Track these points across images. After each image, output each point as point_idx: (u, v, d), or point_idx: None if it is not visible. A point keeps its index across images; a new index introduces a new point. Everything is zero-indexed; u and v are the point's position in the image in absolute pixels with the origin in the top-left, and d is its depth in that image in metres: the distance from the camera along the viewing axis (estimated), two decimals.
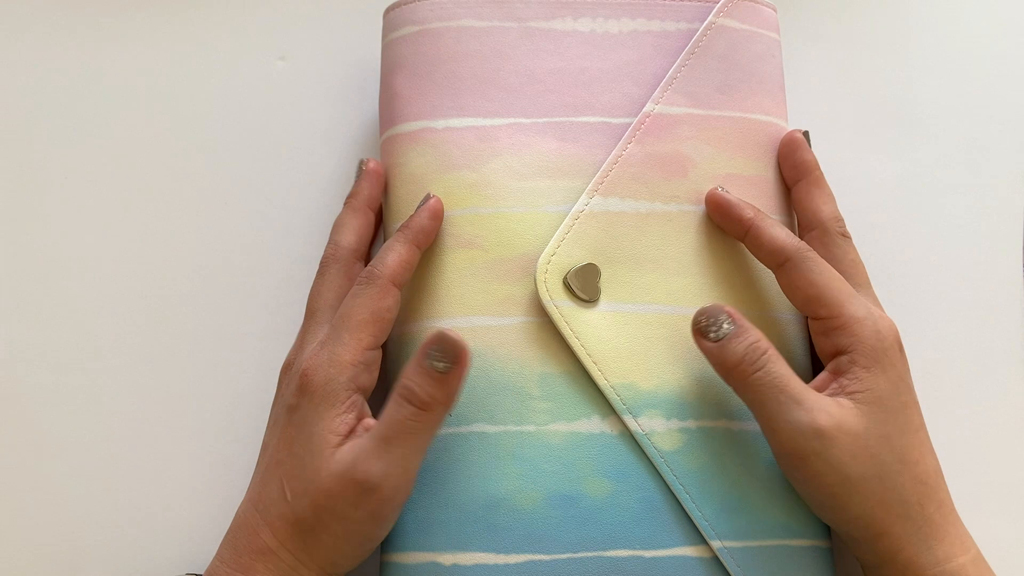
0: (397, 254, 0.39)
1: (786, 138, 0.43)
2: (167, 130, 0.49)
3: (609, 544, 0.37)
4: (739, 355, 0.36)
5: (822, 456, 0.35)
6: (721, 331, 0.37)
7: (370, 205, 0.42)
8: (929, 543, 0.36)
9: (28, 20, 0.51)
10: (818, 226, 0.41)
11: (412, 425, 0.35)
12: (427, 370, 0.35)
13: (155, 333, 0.46)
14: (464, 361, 0.35)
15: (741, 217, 0.40)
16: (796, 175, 0.42)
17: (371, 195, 0.42)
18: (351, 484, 0.35)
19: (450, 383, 0.35)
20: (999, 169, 0.49)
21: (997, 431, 0.46)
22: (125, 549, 0.43)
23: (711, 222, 0.41)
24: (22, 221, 0.48)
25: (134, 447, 0.45)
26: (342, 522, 0.35)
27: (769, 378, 0.36)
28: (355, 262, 0.41)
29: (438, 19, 0.43)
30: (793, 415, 0.35)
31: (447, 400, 0.36)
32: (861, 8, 0.52)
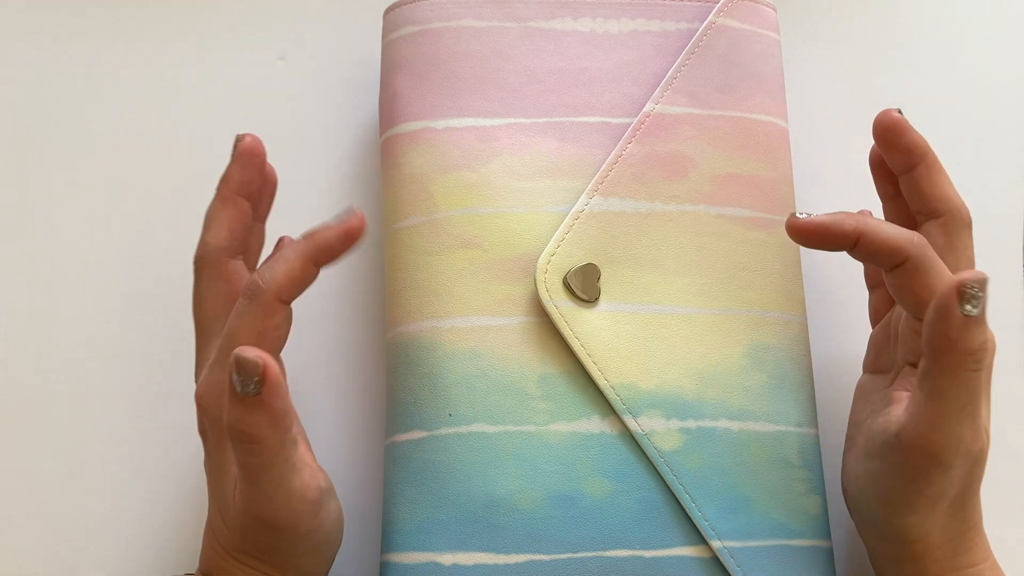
0: (288, 269, 0.34)
1: (885, 122, 0.38)
2: (167, 130, 0.49)
3: (609, 544, 0.37)
4: (975, 345, 0.32)
5: (949, 472, 0.33)
6: (976, 310, 0.31)
7: (240, 191, 0.37)
8: (956, 552, 0.36)
9: (28, 20, 0.51)
10: (946, 213, 0.37)
11: (257, 462, 0.32)
12: (240, 398, 0.31)
13: (155, 333, 0.46)
14: (271, 375, 0.31)
15: (845, 232, 0.35)
16: (911, 160, 0.38)
17: (242, 180, 0.37)
18: (254, 525, 0.34)
19: (265, 402, 0.31)
20: (999, 169, 0.49)
21: (997, 431, 0.46)
22: (125, 549, 0.43)
23: (711, 222, 0.41)
24: (22, 221, 0.48)
25: (134, 447, 0.45)
26: (276, 551, 0.35)
27: (976, 383, 0.32)
28: (227, 260, 0.37)
29: (438, 19, 0.43)
30: (963, 429, 0.33)
31: (272, 421, 0.32)
32: (860, 8, 0.52)
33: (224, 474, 0.35)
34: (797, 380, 0.41)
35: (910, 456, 0.33)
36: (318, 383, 0.45)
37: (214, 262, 0.37)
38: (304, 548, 0.35)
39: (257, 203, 0.39)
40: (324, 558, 0.37)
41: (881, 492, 0.35)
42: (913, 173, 0.38)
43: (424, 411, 0.39)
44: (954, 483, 0.34)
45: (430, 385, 0.39)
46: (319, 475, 0.35)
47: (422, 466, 0.39)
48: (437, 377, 0.39)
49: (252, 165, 0.38)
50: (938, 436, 0.33)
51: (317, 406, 0.45)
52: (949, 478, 0.33)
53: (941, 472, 0.33)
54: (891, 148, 0.38)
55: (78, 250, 0.47)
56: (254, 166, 0.38)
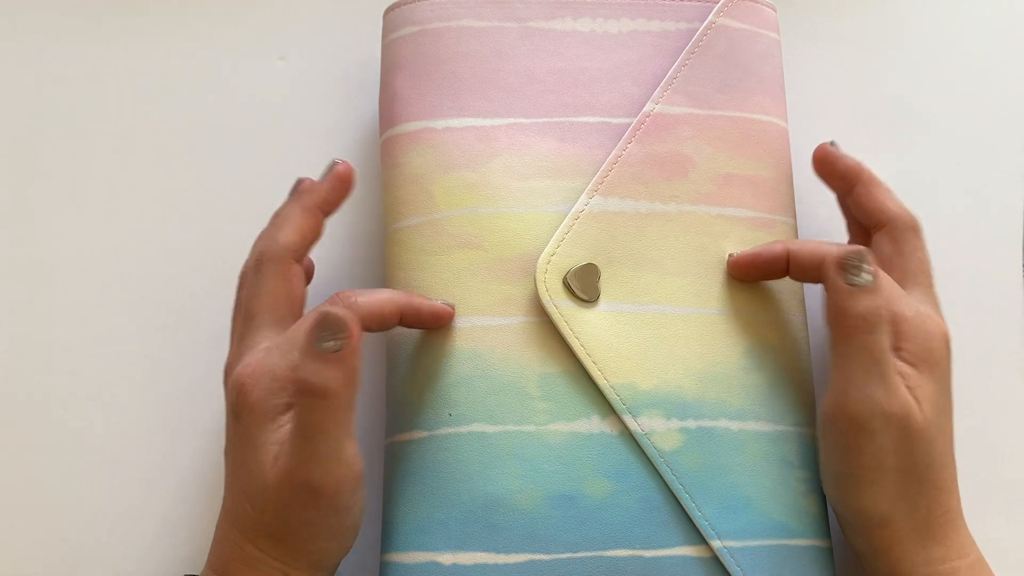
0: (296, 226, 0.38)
1: (818, 154, 0.42)
2: (167, 130, 0.49)
3: (609, 544, 0.37)
4: (862, 311, 0.35)
5: (875, 437, 0.35)
6: (860, 279, 0.36)
7: (323, 209, 0.40)
8: (925, 543, 0.36)
9: (28, 21, 0.51)
10: (888, 222, 0.40)
11: (320, 418, 0.34)
12: (318, 354, 0.33)
13: (155, 333, 0.46)
14: (354, 333, 0.34)
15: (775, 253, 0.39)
16: (847, 183, 0.41)
17: (329, 199, 0.40)
18: (294, 491, 0.34)
19: (345, 360, 0.34)
20: (999, 169, 0.49)
21: (997, 431, 0.46)
22: (125, 549, 0.43)
23: (711, 222, 0.41)
24: (22, 221, 0.48)
25: (134, 446, 0.45)
26: (307, 525, 0.35)
27: (875, 345, 0.35)
28: (291, 262, 0.39)
29: (438, 19, 0.43)
30: (873, 388, 0.35)
31: (347, 379, 0.34)
32: (860, 8, 0.52)
33: (259, 449, 0.35)
34: (797, 380, 0.41)
35: (836, 426, 0.36)
36: None
37: (281, 260, 0.38)
38: (335, 527, 0.36)
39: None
40: (344, 547, 0.37)
41: (829, 474, 0.37)
42: (853, 193, 0.41)
43: (424, 411, 0.39)
44: (887, 451, 0.35)
45: (430, 385, 0.39)
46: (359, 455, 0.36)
47: (422, 466, 0.39)
48: (437, 377, 0.39)
49: (343, 190, 0.40)
50: (850, 400, 0.35)
51: None
52: (877, 443, 0.35)
53: (867, 437, 0.35)
54: (829, 176, 0.42)
55: (79, 250, 0.47)
56: (344, 192, 0.40)
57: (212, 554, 0.37)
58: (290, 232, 0.38)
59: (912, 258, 0.40)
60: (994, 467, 0.45)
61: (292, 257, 0.38)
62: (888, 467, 0.36)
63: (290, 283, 0.38)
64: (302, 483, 0.34)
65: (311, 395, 0.33)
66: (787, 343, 0.41)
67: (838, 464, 0.37)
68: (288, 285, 0.38)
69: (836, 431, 0.36)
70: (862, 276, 0.36)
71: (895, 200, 0.41)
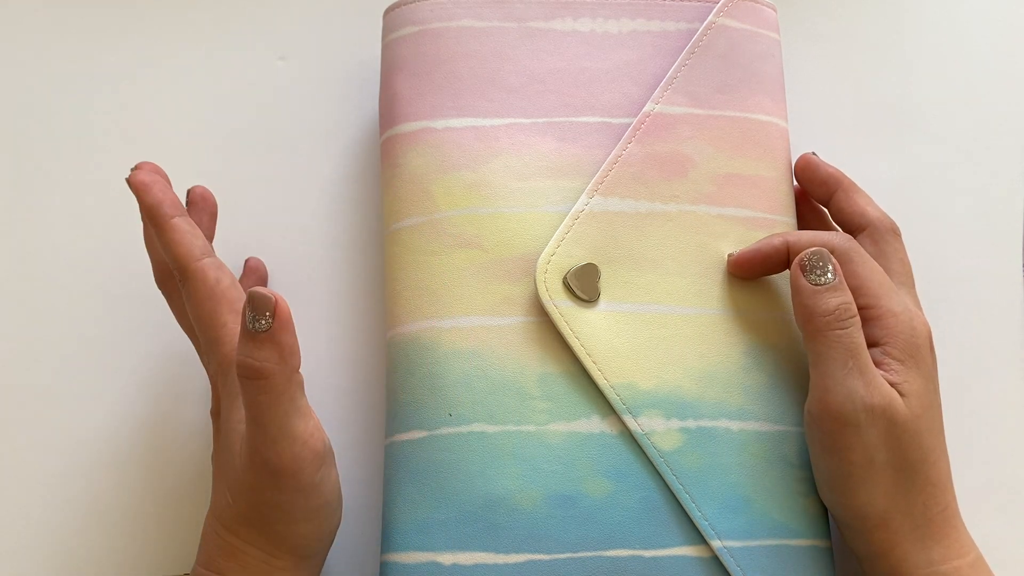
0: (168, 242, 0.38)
1: (800, 163, 0.43)
2: (167, 130, 0.49)
3: (609, 544, 0.37)
4: (832, 307, 0.36)
5: (860, 432, 0.35)
6: (824, 278, 0.37)
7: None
8: (925, 543, 0.36)
9: (28, 21, 0.51)
10: (868, 226, 0.41)
11: (264, 399, 0.34)
12: (251, 335, 0.33)
13: (155, 332, 0.46)
14: (282, 310, 0.34)
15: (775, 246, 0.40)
16: (828, 190, 0.43)
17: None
18: (257, 473, 0.35)
19: (277, 337, 0.34)
20: (999, 169, 0.49)
21: (997, 431, 0.46)
22: (125, 549, 0.43)
23: (711, 222, 0.41)
24: (22, 221, 0.48)
25: (133, 446, 0.45)
26: (276, 508, 0.35)
27: (848, 340, 0.36)
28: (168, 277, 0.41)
29: (438, 19, 0.43)
30: (852, 383, 0.36)
31: (281, 357, 0.34)
32: (860, 8, 0.52)
33: (231, 434, 0.36)
34: (797, 380, 0.41)
35: (822, 427, 0.36)
36: (318, 383, 0.45)
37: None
38: (305, 508, 0.36)
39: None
40: (322, 531, 0.37)
41: (822, 478, 0.38)
42: (834, 198, 0.43)
43: (424, 411, 0.39)
44: (875, 446, 0.36)
45: (430, 385, 0.39)
46: (322, 433, 0.36)
47: (422, 466, 0.39)
48: (437, 377, 0.39)
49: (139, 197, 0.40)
50: (832, 396, 0.36)
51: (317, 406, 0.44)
52: (864, 439, 0.36)
53: (853, 432, 0.36)
54: (811, 182, 0.43)
55: (79, 250, 0.47)
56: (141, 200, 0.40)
57: (200, 550, 0.37)
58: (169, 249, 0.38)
59: (894, 259, 0.41)
60: (994, 467, 0.45)
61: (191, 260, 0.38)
62: (879, 463, 0.36)
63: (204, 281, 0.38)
64: (261, 464, 0.34)
65: (249, 377, 0.34)
66: (787, 343, 0.41)
67: (829, 465, 0.37)
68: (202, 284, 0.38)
69: (822, 432, 0.36)
70: (826, 275, 0.37)
71: (875, 205, 0.42)
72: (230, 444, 0.36)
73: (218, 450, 0.38)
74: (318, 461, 0.35)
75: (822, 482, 0.38)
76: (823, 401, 0.36)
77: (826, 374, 0.36)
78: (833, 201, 0.43)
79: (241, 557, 0.36)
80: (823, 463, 0.37)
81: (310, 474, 0.35)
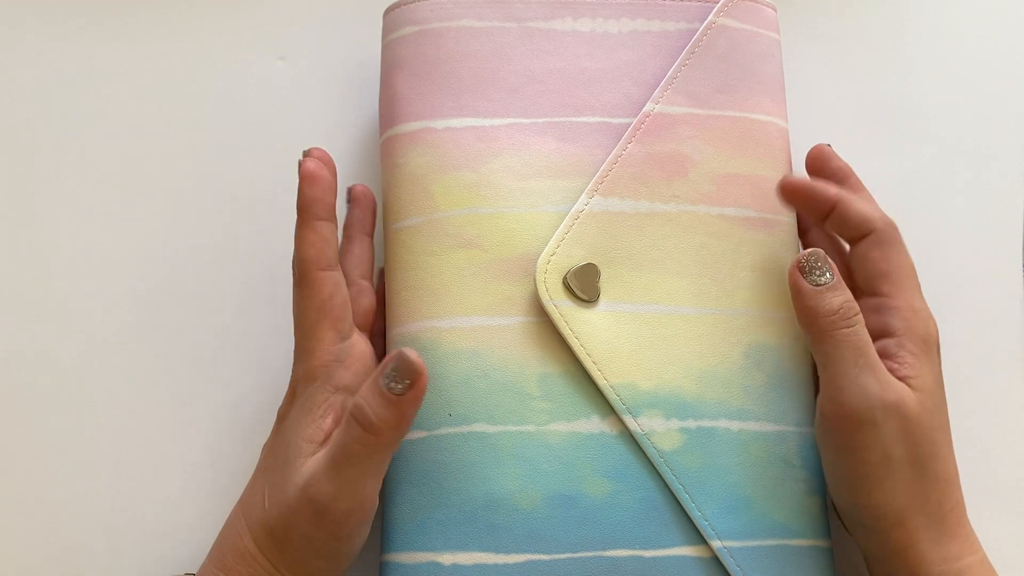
0: (303, 240, 0.38)
1: (814, 152, 0.43)
2: (167, 130, 0.49)
3: (609, 544, 0.37)
4: (836, 306, 0.36)
5: (877, 429, 0.35)
6: (824, 278, 0.37)
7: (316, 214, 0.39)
8: (941, 540, 0.36)
9: (28, 21, 0.51)
10: (874, 230, 0.40)
11: (359, 450, 0.34)
12: (381, 391, 0.34)
13: (156, 333, 0.46)
14: (421, 383, 0.34)
15: (828, 196, 0.40)
16: (837, 180, 0.42)
17: (313, 201, 0.39)
18: (306, 502, 0.35)
19: (403, 406, 0.34)
20: (999, 169, 0.49)
21: (997, 431, 0.46)
22: (125, 549, 0.43)
23: (711, 222, 0.41)
24: (22, 221, 0.48)
25: (134, 447, 0.45)
26: (305, 538, 0.35)
27: (856, 338, 0.36)
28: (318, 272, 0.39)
29: (438, 19, 0.43)
30: (865, 380, 0.35)
31: (398, 424, 0.34)
32: (861, 8, 0.52)
33: (292, 447, 0.36)
34: (797, 380, 0.41)
35: (838, 427, 0.36)
36: None
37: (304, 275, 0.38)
38: (331, 551, 0.36)
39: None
40: (332, 570, 0.37)
41: (838, 479, 0.37)
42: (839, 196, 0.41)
43: (424, 411, 0.39)
44: (891, 443, 0.35)
45: (430, 385, 0.39)
46: (377, 496, 0.37)
47: (422, 466, 0.39)
48: (437, 377, 0.39)
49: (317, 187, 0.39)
50: (846, 396, 0.36)
51: None
52: (881, 436, 0.35)
53: (870, 431, 0.35)
54: (820, 173, 0.43)
55: (79, 250, 0.47)
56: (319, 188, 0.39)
57: (215, 542, 0.38)
58: (300, 248, 0.38)
59: (904, 262, 0.40)
60: (994, 467, 0.45)
61: (315, 267, 0.38)
62: (896, 460, 0.36)
63: (318, 292, 0.38)
64: (315, 499, 0.35)
65: (359, 425, 0.34)
66: (787, 343, 0.41)
67: (845, 466, 0.36)
68: (316, 294, 0.38)
69: (838, 433, 0.36)
70: (825, 275, 0.37)
71: (879, 208, 0.41)
72: (288, 456, 0.36)
73: (271, 451, 0.38)
74: (365, 519, 0.36)
75: (837, 483, 0.37)
76: (837, 401, 0.36)
77: (838, 374, 0.36)
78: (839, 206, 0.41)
79: (251, 563, 0.36)
80: (839, 464, 0.37)
81: (353, 527, 0.36)
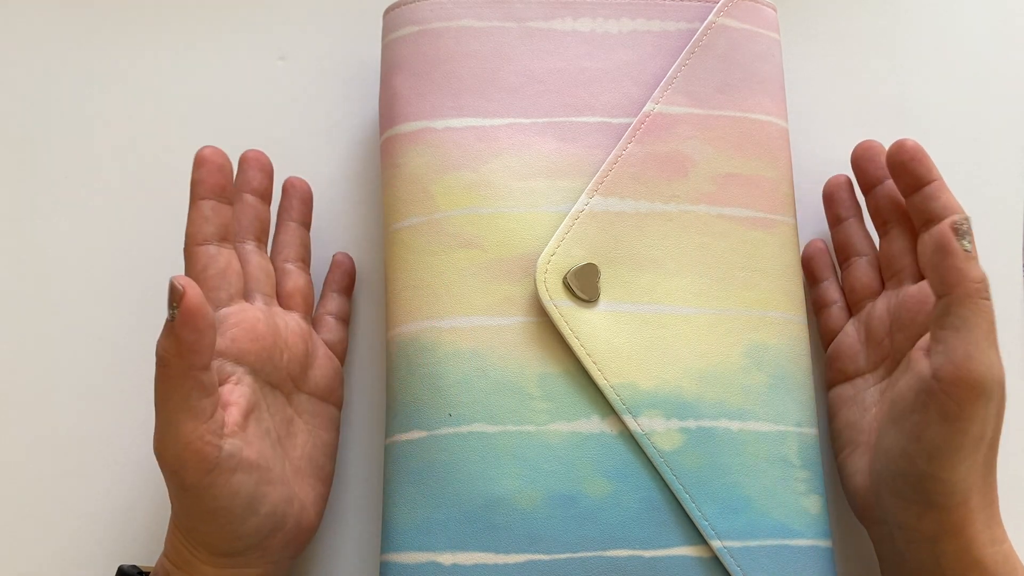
0: (187, 218, 0.39)
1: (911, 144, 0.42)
2: (167, 130, 0.49)
3: (609, 544, 0.37)
4: (981, 276, 0.35)
5: (988, 404, 0.34)
6: (970, 247, 0.35)
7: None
8: (989, 523, 0.36)
9: (29, 21, 0.51)
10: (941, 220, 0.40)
11: (159, 387, 0.34)
12: (166, 323, 0.33)
13: (156, 333, 0.46)
14: (187, 305, 0.33)
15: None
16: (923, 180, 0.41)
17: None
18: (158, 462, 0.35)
19: (177, 330, 0.33)
20: (999, 169, 0.49)
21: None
22: (125, 549, 0.43)
23: (711, 222, 0.41)
24: (23, 221, 0.48)
25: (133, 447, 0.45)
26: (175, 499, 0.36)
27: (991, 312, 0.35)
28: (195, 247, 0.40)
29: (438, 19, 0.43)
30: (993, 354, 0.34)
31: (179, 351, 0.33)
32: (860, 8, 0.52)
33: None
34: (797, 380, 0.41)
35: (952, 392, 0.34)
36: None
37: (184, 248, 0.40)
38: (196, 509, 0.35)
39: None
40: (221, 533, 0.36)
41: (927, 447, 0.35)
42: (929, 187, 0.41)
43: (424, 411, 0.39)
44: (990, 421, 0.35)
45: (430, 385, 0.39)
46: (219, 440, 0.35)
47: (422, 466, 0.39)
48: (437, 377, 0.39)
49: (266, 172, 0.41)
50: (974, 364, 0.34)
51: None
52: (989, 412, 0.34)
53: (983, 404, 0.34)
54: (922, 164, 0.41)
55: (80, 250, 0.47)
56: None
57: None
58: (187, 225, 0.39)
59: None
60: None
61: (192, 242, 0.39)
62: (986, 438, 0.35)
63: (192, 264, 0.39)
64: (155, 452, 0.35)
65: (157, 363, 0.34)
66: (787, 343, 0.41)
67: (942, 435, 0.35)
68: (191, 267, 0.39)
69: (950, 399, 0.34)
70: (971, 245, 0.35)
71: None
72: None
73: None
74: (204, 466, 0.34)
75: (920, 452, 0.35)
76: (964, 367, 0.34)
77: (970, 339, 0.34)
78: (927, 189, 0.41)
79: (171, 539, 0.37)
80: (935, 432, 0.35)
81: (194, 476, 0.34)
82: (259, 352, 0.38)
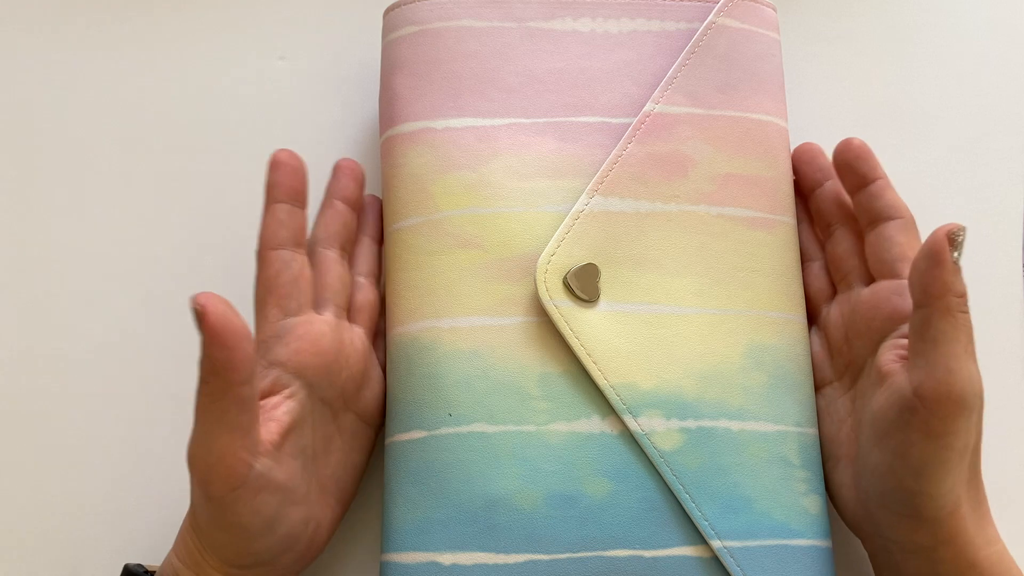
0: (262, 221, 0.40)
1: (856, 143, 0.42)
2: (167, 130, 0.49)
3: (609, 544, 0.37)
4: (963, 289, 0.34)
5: (970, 416, 0.34)
6: (959, 259, 0.34)
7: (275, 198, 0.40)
8: (981, 524, 0.36)
9: (29, 21, 0.51)
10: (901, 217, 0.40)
11: (198, 397, 0.34)
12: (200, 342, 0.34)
13: (156, 333, 0.46)
14: (206, 321, 0.32)
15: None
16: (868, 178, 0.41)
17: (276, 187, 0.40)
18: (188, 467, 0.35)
19: (206, 350, 0.33)
20: (999, 169, 0.49)
21: (997, 431, 0.46)
22: (125, 549, 0.43)
23: (711, 222, 0.41)
24: (23, 221, 0.48)
25: (133, 447, 0.45)
26: (197, 505, 0.36)
27: (970, 325, 0.34)
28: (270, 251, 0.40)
29: (438, 19, 0.43)
30: (972, 367, 0.34)
31: (215, 369, 0.33)
32: (861, 8, 0.52)
33: None
34: (797, 380, 0.41)
35: (935, 408, 0.34)
36: None
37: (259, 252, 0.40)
38: (218, 519, 0.35)
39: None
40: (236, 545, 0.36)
41: (913, 464, 0.35)
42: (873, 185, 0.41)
43: (424, 411, 0.39)
44: (973, 432, 0.35)
45: (430, 385, 0.39)
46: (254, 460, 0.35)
47: (422, 466, 0.39)
48: (437, 377, 0.39)
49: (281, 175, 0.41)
50: (955, 378, 0.34)
51: None
52: (971, 424, 0.34)
53: (966, 417, 0.34)
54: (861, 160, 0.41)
55: (80, 250, 0.47)
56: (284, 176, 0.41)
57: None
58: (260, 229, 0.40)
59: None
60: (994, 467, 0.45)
61: (266, 247, 0.39)
62: (970, 447, 0.35)
63: (265, 269, 0.39)
64: (188, 460, 0.35)
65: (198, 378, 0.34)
66: (787, 343, 0.41)
67: (927, 452, 0.34)
68: (263, 272, 0.39)
69: (934, 416, 0.34)
70: (959, 258, 0.34)
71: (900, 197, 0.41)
72: None
73: None
74: (232, 481, 0.34)
75: (909, 470, 0.35)
76: (945, 382, 0.34)
77: (951, 353, 0.34)
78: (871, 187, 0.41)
79: (182, 542, 0.37)
80: (921, 449, 0.34)
81: (220, 489, 0.34)
82: (319, 367, 0.38)
